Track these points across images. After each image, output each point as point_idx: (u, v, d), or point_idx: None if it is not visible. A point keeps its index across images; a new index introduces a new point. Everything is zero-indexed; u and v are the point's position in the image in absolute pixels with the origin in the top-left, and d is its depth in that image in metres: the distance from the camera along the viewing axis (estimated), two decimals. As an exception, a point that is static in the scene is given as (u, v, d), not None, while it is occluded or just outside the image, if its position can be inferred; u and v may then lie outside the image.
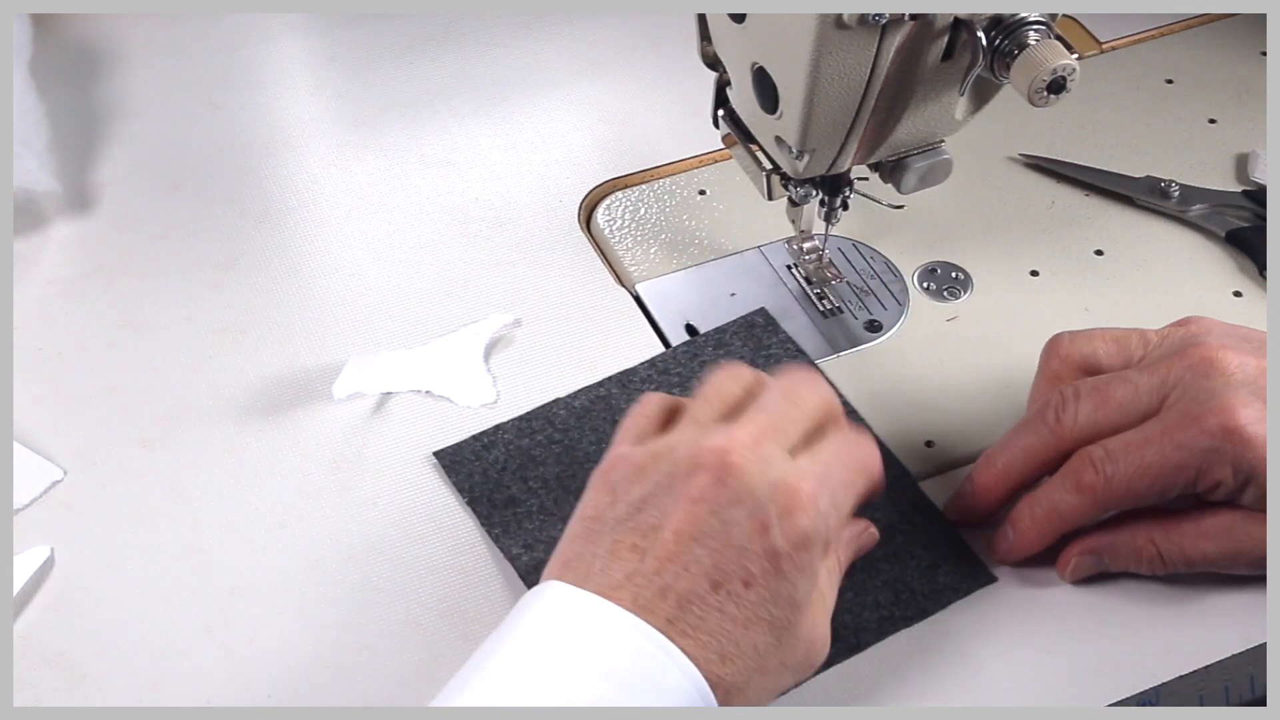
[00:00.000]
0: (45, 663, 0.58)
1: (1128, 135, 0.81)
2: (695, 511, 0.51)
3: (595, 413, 0.67)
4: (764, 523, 0.51)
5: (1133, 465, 0.57)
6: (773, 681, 0.52)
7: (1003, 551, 0.61)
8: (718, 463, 0.52)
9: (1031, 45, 0.55)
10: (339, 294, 0.73)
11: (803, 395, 0.56)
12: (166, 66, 0.87)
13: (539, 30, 0.90)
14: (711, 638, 0.50)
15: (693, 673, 0.49)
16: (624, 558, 0.51)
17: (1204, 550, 0.58)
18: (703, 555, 0.50)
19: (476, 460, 0.66)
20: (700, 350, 0.70)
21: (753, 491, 0.51)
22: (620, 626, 0.49)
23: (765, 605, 0.51)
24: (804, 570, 0.52)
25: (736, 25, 0.60)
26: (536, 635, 0.50)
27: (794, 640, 0.52)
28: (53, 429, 0.67)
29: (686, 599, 0.50)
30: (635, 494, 0.53)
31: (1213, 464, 0.56)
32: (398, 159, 0.81)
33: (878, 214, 0.71)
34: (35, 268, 0.75)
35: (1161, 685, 0.57)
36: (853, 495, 0.55)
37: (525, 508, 0.63)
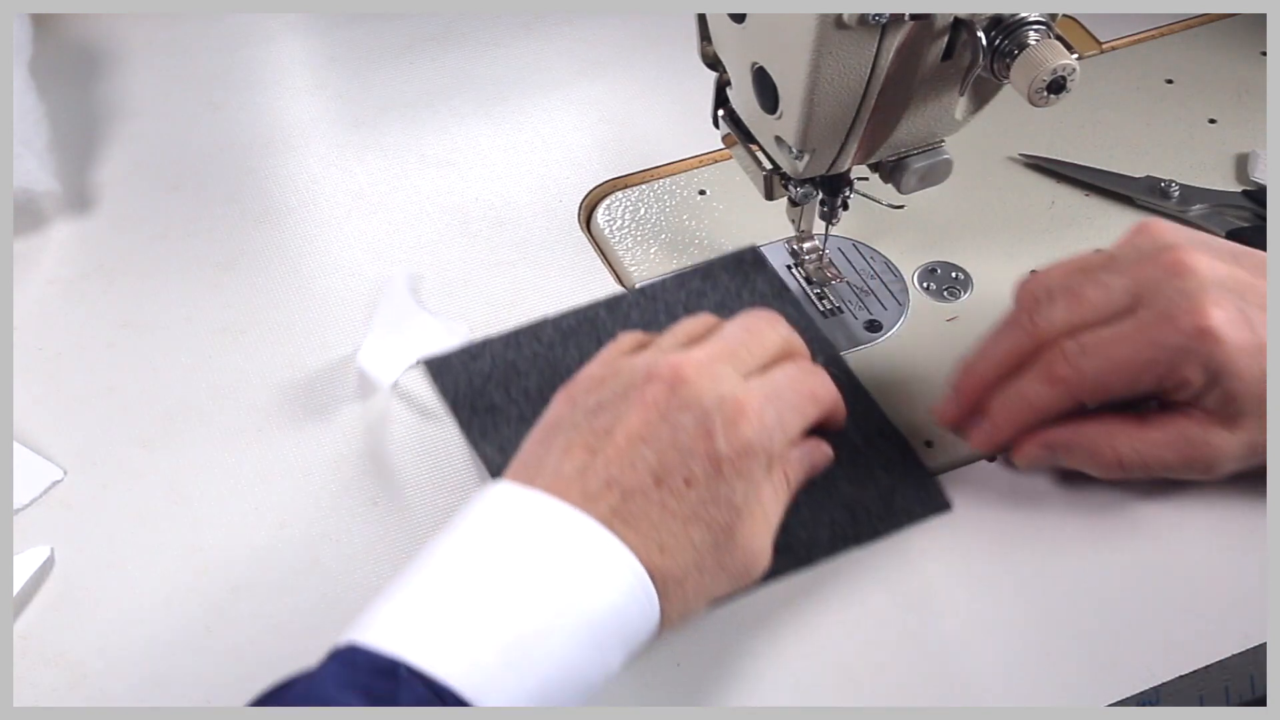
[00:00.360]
0: (45, 663, 0.58)
1: (1128, 135, 0.81)
2: (646, 416, 0.55)
3: (581, 332, 0.70)
4: (709, 429, 0.54)
5: (1105, 360, 0.59)
6: (710, 580, 0.55)
7: (979, 441, 0.63)
8: (671, 374, 0.55)
9: (1031, 45, 0.55)
10: (339, 294, 0.73)
11: (762, 330, 0.60)
12: (166, 66, 0.88)
13: (539, 30, 0.90)
14: (652, 529, 0.53)
15: (631, 559, 0.52)
16: (576, 456, 0.54)
17: (1163, 457, 0.60)
18: (649, 454, 0.54)
19: (463, 369, 0.69)
20: (688, 281, 0.73)
21: (701, 400, 0.55)
22: (559, 516, 0.52)
23: (705, 505, 0.54)
24: (744, 477, 0.55)
25: (736, 25, 0.60)
26: (477, 528, 0.53)
27: (732, 545, 0.55)
28: (53, 429, 0.67)
29: (630, 492, 0.53)
30: (592, 401, 0.56)
31: (1183, 362, 0.57)
32: (398, 159, 0.81)
33: (878, 214, 0.71)
34: (35, 268, 0.75)
35: (1161, 685, 0.57)
36: (801, 418, 0.58)
37: (504, 415, 0.66)
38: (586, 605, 0.51)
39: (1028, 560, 0.61)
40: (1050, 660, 0.58)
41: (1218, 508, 0.62)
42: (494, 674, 0.49)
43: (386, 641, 0.49)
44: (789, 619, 0.59)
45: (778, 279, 0.72)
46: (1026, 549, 0.62)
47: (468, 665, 0.48)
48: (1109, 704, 0.56)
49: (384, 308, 0.72)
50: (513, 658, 0.49)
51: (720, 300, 0.72)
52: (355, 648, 0.49)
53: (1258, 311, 0.58)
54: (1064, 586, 0.60)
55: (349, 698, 0.47)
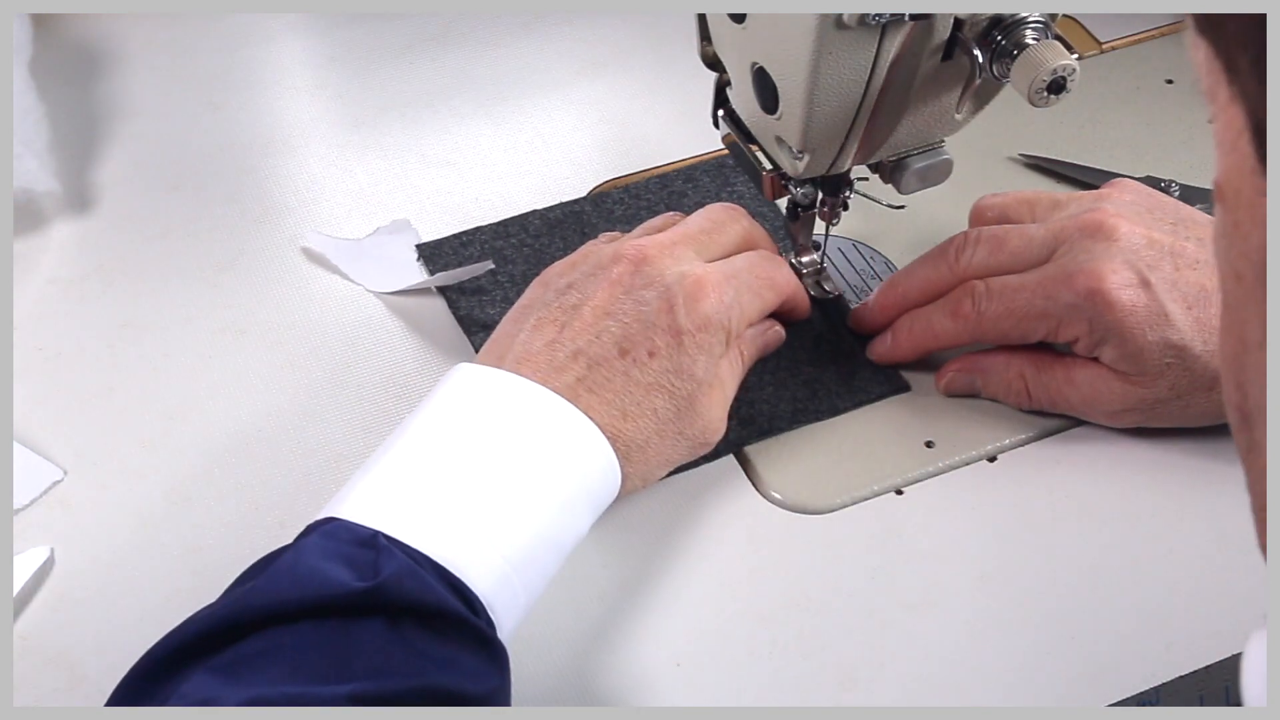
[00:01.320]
0: (45, 663, 0.58)
1: (1128, 135, 0.81)
2: (612, 292, 0.59)
3: (567, 224, 0.75)
4: (671, 303, 0.58)
5: (1004, 306, 0.63)
6: (670, 447, 0.59)
7: (879, 354, 0.67)
8: (636, 255, 0.60)
9: (1031, 45, 0.55)
10: (339, 294, 0.73)
11: (724, 220, 0.64)
12: (166, 66, 0.87)
13: (539, 30, 0.90)
14: (615, 396, 0.57)
15: (593, 429, 0.56)
16: (545, 331, 0.58)
17: (1067, 395, 0.64)
18: (614, 327, 0.58)
19: (453, 254, 0.74)
20: (670, 182, 0.78)
21: (663, 276, 0.59)
22: (524, 391, 0.56)
23: (667, 375, 0.58)
24: (704, 350, 0.59)
25: (736, 25, 0.60)
26: (446, 408, 0.56)
27: (692, 414, 0.59)
28: (53, 429, 0.67)
29: (595, 361, 0.57)
30: (562, 282, 0.61)
31: (1072, 319, 0.61)
32: (398, 159, 0.81)
33: (878, 214, 0.71)
34: (35, 268, 0.75)
35: (1161, 685, 0.57)
36: (759, 300, 0.62)
37: (490, 297, 0.71)
38: (555, 474, 0.54)
39: (1028, 560, 0.61)
40: (1050, 660, 0.58)
41: (1218, 507, 0.62)
42: (469, 540, 0.51)
43: (364, 515, 0.51)
44: (789, 619, 0.59)
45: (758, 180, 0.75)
46: (1027, 549, 0.62)
47: (443, 533, 0.51)
48: (1109, 704, 0.56)
49: (339, 258, 0.74)
50: (486, 525, 0.52)
51: (700, 200, 0.76)
52: (334, 521, 0.51)
53: (1169, 279, 0.60)
54: (1064, 586, 0.60)
55: (333, 567, 0.49)
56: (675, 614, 0.60)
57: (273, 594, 0.48)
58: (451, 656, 0.49)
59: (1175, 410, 0.62)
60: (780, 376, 0.67)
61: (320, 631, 0.48)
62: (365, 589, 0.48)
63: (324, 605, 0.48)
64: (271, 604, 0.48)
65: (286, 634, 0.48)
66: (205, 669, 0.47)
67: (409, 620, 0.48)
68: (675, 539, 0.62)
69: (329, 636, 0.48)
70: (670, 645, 0.59)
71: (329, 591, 0.48)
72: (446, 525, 0.51)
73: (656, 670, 0.58)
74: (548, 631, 0.59)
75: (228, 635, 0.48)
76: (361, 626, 0.48)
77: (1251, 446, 0.36)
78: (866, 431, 0.66)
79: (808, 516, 0.63)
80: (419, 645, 0.48)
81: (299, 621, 0.48)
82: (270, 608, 0.48)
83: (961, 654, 0.58)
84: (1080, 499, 0.63)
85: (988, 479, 0.64)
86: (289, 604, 0.48)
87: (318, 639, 0.47)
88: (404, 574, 0.49)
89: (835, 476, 0.64)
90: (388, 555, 0.49)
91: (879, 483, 0.64)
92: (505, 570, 0.52)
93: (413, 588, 0.48)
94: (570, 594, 0.60)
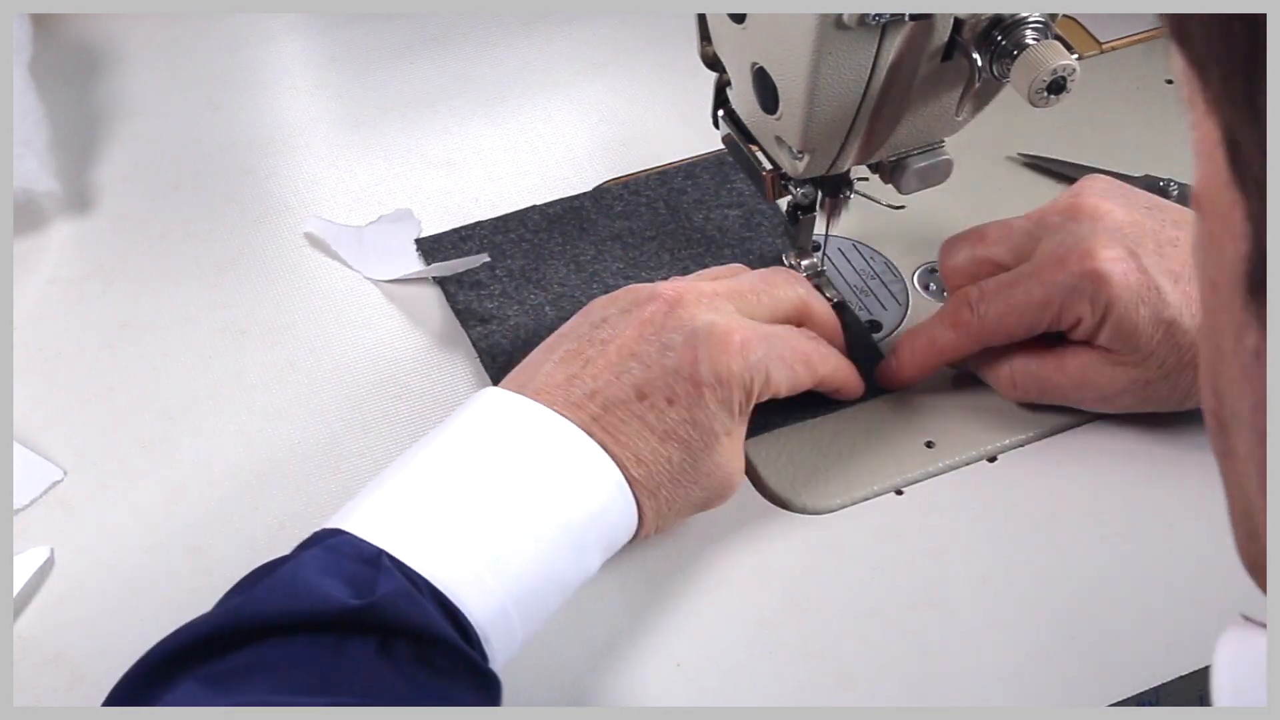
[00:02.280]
0: (45, 663, 0.58)
1: (1128, 135, 0.81)
2: (641, 332, 0.58)
3: (566, 219, 0.75)
4: (696, 353, 0.57)
5: (1003, 303, 0.62)
6: (684, 495, 0.58)
7: (885, 378, 0.66)
8: (673, 297, 0.59)
9: (1031, 45, 0.55)
10: (339, 294, 0.73)
11: (778, 283, 0.62)
12: (166, 66, 0.87)
13: (539, 30, 0.90)
14: (630, 440, 0.56)
15: (611, 466, 0.55)
16: (570, 364, 0.57)
17: (1058, 383, 0.63)
18: (635, 369, 0.57)
19: (453, 248, 0.74)
20: (670, 179, 0.78)
21: (693, 324, 0.57)
22: (545, 422, 0.55)
23: (684, 425, 0.56)
24: (724, 405, 0.57)
25: (736, 25, 0.60)
26: (464, 430, 0.55)
27: (709, 464, 0.57)
28: (53, 429, 0.67)
29: (612, 403, 0.56)
30: (598, 315, 0.60)
31: (1074, 300, 0.60)
32: (398, 159, 0.81)
33: (878, 214, 0.71)
34: (35, 268, 0.75)
35: (1161, 685, 0.57)
36: (788, 372, 0.60)
37: (488, 290, 0.72)
38: (567, 509, 0.53)
39: (1028, 560, 0.61)
40: (1050, 660, 0.58)
41: (1218, 508, 0.62)
42: (474, 570, 0.51)
43: (369, 532, 0.50)
44: (789, 619, 0.59)
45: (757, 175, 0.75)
46: (1026, 549, 0.62)
47: (448, 560, 0.50)
48: (1109, 704, 0.56)
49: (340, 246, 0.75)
50: (492, 556, 0.51)
51: (699, 197, 0.77)
52: (339, 534, 0.51)
53: (1155, 255, 0.60)
54: (1064, 586, 0.60)
55: (330, 584, 0.48)
56: (675, 614, 0.60)
57: (268, 605, 0.48)
58: (441, 684, 0.48)
59: (1164, 390, 0.62)
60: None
61: (311, 648, 0.47)
62: (359, 607, 0.47)
63: (317, 619, 0.48)
64: (266, 615, 0.48)
65: (277, 647, 0.47)
66: (194, 678, 0.47)
67: (402, 642, 0.48)
68: (675, 539, 0.62)
69: (319, 653, 0.47)
70: (670, 645, 0.59)
71: (323, 606, 0.48)
72: (452, 553, 0.51)
73: (656, 670, 0.58)
74: (548, 632, 0.59)
75: (221, 644, 0.48)
76: (353, 645, 0.48)
77: (1227, 452, 0.36)
78: (866, 431, 0.66)
79: (808, 516, 0.63)
80: (410, 669, 0.48)
81: (291, 635, 0.48)
82: (264, 619, 0.48)
83: (961, 654, 0.58)
84: (1080, 499, 0.63)
85: (988, 479, 0.64)
86: (283, 616, 0.48)
87: (308, 655, 0.47)
88: (400, 595, 0.48)
89: (835, 476, 0.64)
90: (387, 575, 0.49)
91: (879, 483, 0.64)
92: (505, 604, 0.51)
93: (408, 610, 0.48)
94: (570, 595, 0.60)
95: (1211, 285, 0.34)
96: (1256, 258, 0.31)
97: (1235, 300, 0.32)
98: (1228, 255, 0.32)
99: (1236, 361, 0.33)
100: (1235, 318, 0.33)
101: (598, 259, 0.73)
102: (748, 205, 0.74)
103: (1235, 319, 0.33)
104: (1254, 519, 0.35)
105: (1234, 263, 0.32)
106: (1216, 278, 0.33)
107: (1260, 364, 0.32)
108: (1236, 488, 0.36)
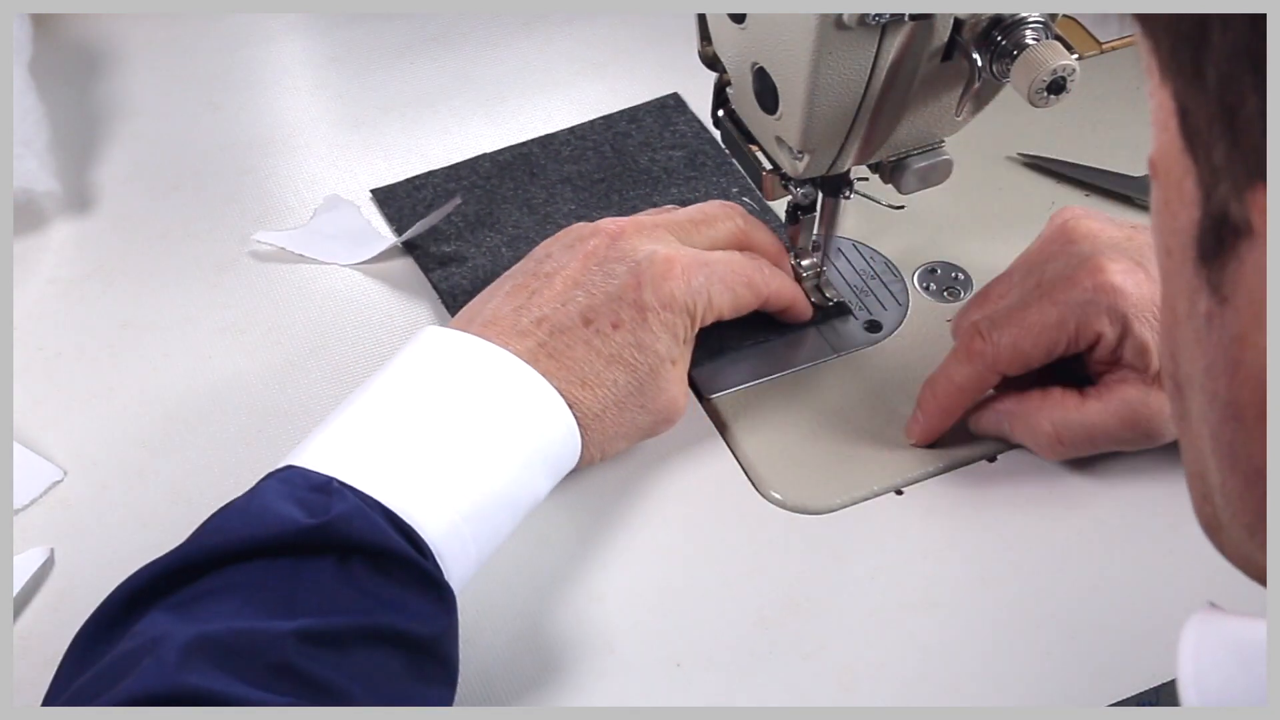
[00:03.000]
0: (45, 663, 0.58)
1: (1128, 135, 0.81)
2: (585, 264, 0.60)
3: (515, 166, 0.78)
4: (639, 278, 0.59)
5: (1017, 327, 0.61)
6: (629, 420, 0.60)
7: (916, 435, 0.65)
8: (614, 230, 0.61)
9: (1031, 45, 0.55)
10: (339, 294, 0.73)
11: (716, 217, 0.65)
12: (166, 66, 0.87)
13: (539, 30, 0.90)
14: (576, 364, 0.58)
15: (554, 394, 0.57)
16: (515, 296, 0.60)
17: (1105, 425, 0.61)
18: (580, 296, 0.59)
19: (407, 197, 0.77)
20: (615, 123, 0.81)
21: (635, 253, 0.60)
22: (487, 355, 0.57)
23: (629, 348, 0.59)
24: (668, 328, 0.60)
25: (736, 25, 0.60)
26: (409, 368, 0.57)
27: (654, 389, 0.60)
28: (53, 429, 0.67)
29: (558, 328, 0.58)
30: (543, 252, 0.62)
31: (1090, 316, 0.59)
32: (398, 159, 0.81)
33: (878, 214, 0.71)
34: (35, 268, 0.75)
35: (1161, 685, 0.57)
36: (730, 294, 0.62)
37: (443, 234, 0.74)
38: (509, 434, 0.55)
39: (1028, 560, 0.61)
40: (1050, 660, 0.58)
41: (1218, 508, 0.62)
42: (420, 489, 0.52)
43: (320, 463, 0.53)
44: (789, 619, 0.59)
45: (696, 121, 0.80)
46: (1027, 549, 0.62)
47: (395, 481, 0.52)
48: (1109, 704, 0.56)
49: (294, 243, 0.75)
50: (438, 476, 0.53)
51: (644, 139, 0.80)
52: (291, 468, 0.53)
53: (1150, 262, 0.60)
54: (1064, 586, 0.60)
55: (286, 508, 0.50)
56: (676, 614, 0.60)
57: (226, 533, 0.50)
58: (399, 596, 0.50)
59: None
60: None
61: (271, 569, 0.49)
62: (314, 525, 0.49)
63: (274, 542, 0.49)
64: (224, 543, 0.50)
65: (238, 572, 0.49)
66: (161, 607, 0.48)
67: (358, 559, 0.50)
68: (675, 539, 0.62)
69: (279, 574, 0.49)
70: (671, 645, 0.59)
71: (279, 529, 0.49)
72: (399, 474, 0.53)
73: (657, 670, 0.58)
74: (548, 632, 0.59)
75: (184, 575, 0.50)
76: (311, 565, 0.49)
77: (1183, 415, 0.37)
78: (866, 431, 0.66)
79: (808, 516, 0.63)
80: (367, 584, 0.50)
81: (251, 560, 0.49)
82: (223, 547, 0.50)
83: (961, 654, 0.58)
84: (1080, 499, 0.63)
85: (988, 479, 0.64)
86: (241, 542, 0.50)
87: (267, 576, 0.49)
88: (353, 514, 0.50)
89: (835, 476, 0.64)
90: (339, 497, 0.51)
91: (879, 483, 0.64)
92: (456, 520, 0.53)
93: (362, 527, 0.50)
94: (570, 595, 0.60)
95: (1166, 251, 0.35)
96: (1207, 224, 0.32)
97: (1187, 265, 0.33)
98: (1181, 221, 0.33)
99: (1190, 325, 0.34)
100: (1188, 283, 0.33)
101: (549, 202, 0.76)
102: (690, 146, 0.78)
103: (1188, 284, 0.33)
104: (1207, 480, 0.36)
105: (1186, 229, 0.33)
106: (1170, 244, 0.34)
107: (1211, 328, 0.33)
108: (1191, 449, 0.37)
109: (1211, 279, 0.32)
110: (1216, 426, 0.34)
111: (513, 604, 0.60)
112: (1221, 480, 0.35)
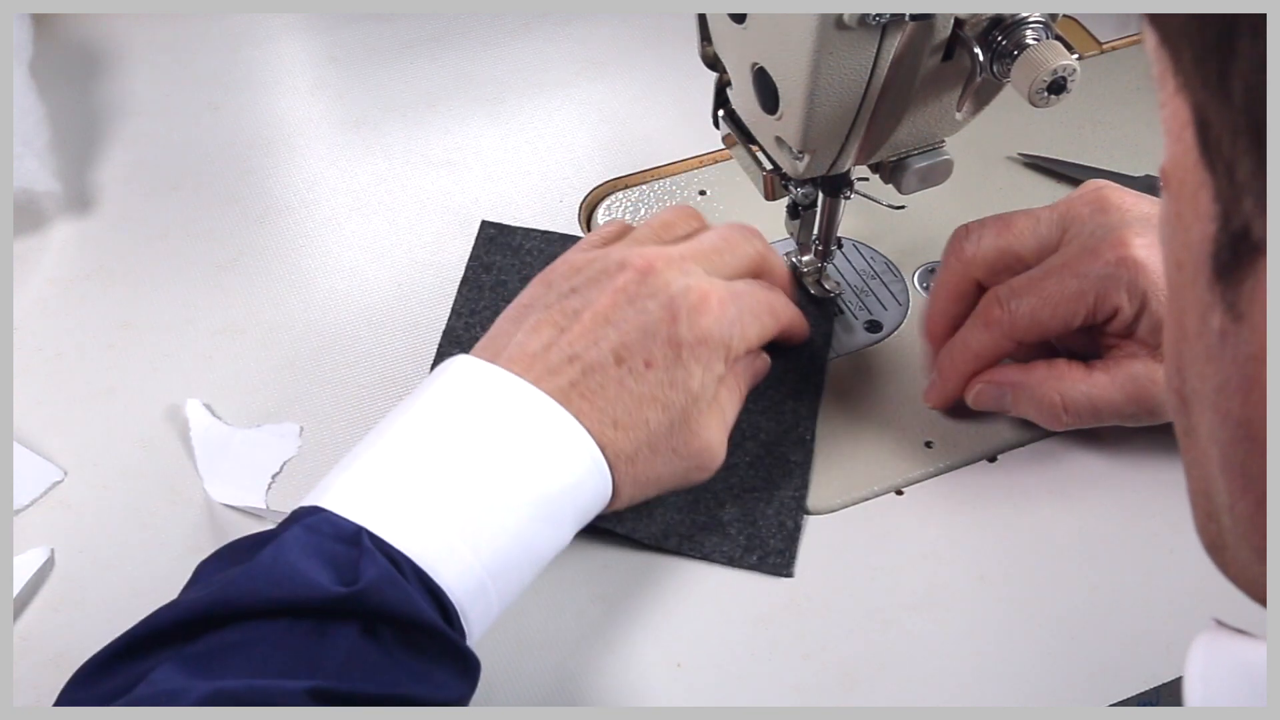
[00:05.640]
0: (45, 663, 0.58)
1: (1128, 135, 0.81)
2: (615, 300, 0.58)
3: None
4: (674, 315, 0.57)
5: (1035, 296, 0.61)
6: (662, 464, 0.57)
7: (933, 398, 0.65)
8: (643, 265, 0.59)
9: (1031, 45, 0.55)
10: (339, 294, 0.73)
11: (738, 242, 0.63)
12: (166, 66, 0.87)
13: (539, 30, 0.90)
14: (608, 404, 0.56)
15: (586, 438, 0.55)
16: (543, 332, 0.57)
17: (1111, 398, 0.61)
18: (612, 334, 0.57)
19: (504, 242, 0.74)
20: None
21: (668, 288, 0.58)
22: (519, 392, 0.55)
23: (663, 387, 0.57)
24: (703, 364, 0.57)
25: (736, 25, 0.60)
26: (438, 401, 0.55)
27: (687, 431, 0.57)
28: (53, 429, 0.67)
29: (590, 367, 0.56)
30: (566, 286, 0.59)
31: (1109, 290, 0.59)
32: (398, 159, 0.81)
33: (878, 214, 0.71)
34: (35, 268, 0.75)
35: (1161, 685, 0.57)
36: (758, 325, 0.61)
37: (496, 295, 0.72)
38: (542, 481, 0.53)
39: (1028, 560, 0.61)
40: (1050, 660, 0.58)
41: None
42: (452, 546, 0.51)
43: (349, 509, 0.51)
44: (789, 619, 0.59)
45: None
46: (1027, 549, 0.62)
47: (427, 536, 0.50)
48: (1109, 704, 0.56)
49: (199, 443, 0.66)
50: (470, 531, 0.51)
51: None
52: (317, 512, 0.51)
53: None
54: (1064, 586, 0.60)
55: (313, 566, 0.48)
56: (676, 614, 0.60)
57: (251, 590, 0.48)
58: (425, 668, 0.49)
59: None
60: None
61: (295, 630, 0.48)
62: (344, 595, 0.48)
63: (301, 605, 0.48)
64: (249, 600, 0.48)
65: (261, 629, 0.48)
66: (177, 658, 0.47)
67: (385, 627, 0.49)
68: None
69: (303, 636, 0.48)
70: (671, 645, 0.59)
71: (307, 594, 0.48)
72: (430, 527, 0.51)
73: (657, 670, 0.58)
74: (548, 632, 0.59)
75: (203, 625, 0.48)
76: (336, 629, 0.48)
77: (1189, 431, 0.36)
78: (867, 431, 0.66)
79: (808, 516, 0.63)
80: (393, 653, 0.48)
81: (276, 618, 0.48)
82: (248, 603, 0.48)
83: (961, 654, 0.58)
84: (1080, 499, 0.63)
85: (988, 479, 0.64)
86: (267, 602, 0.48)
87: (291, 637, 0.48)
88: (384, 582, 0.48)
89: (835, 476, 0.64)
90: (369, 558, 0.49)
91: (879, 483, 0.64)
92: (483, 579, 0.51)
93: (392, 596, 0.48)
94: (571, 595, 0.60)
95: (1176, 265, 0.34)
96: (1224, 239, 0.31)
97: (1200, 280, 0.32)
98: (1194, 235, 0.32)
99: (1200, 342, 0.33)
100: (1200, 298, 0.33)
101: None
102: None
103: (1200, 299, 0.33)
104: (1213, 499, 0.35)
105: (1200, 243, 0.32)
106: (1181, 257, 0.33)
107: (1225, 346, 0.32)
108: (1196, 467, 0.36)
109: (1226, 295, 0.31)
110: (1228, 446, 0.33)
111: (512, 604, 0.60)
112: (1231, 502, 0.34)
